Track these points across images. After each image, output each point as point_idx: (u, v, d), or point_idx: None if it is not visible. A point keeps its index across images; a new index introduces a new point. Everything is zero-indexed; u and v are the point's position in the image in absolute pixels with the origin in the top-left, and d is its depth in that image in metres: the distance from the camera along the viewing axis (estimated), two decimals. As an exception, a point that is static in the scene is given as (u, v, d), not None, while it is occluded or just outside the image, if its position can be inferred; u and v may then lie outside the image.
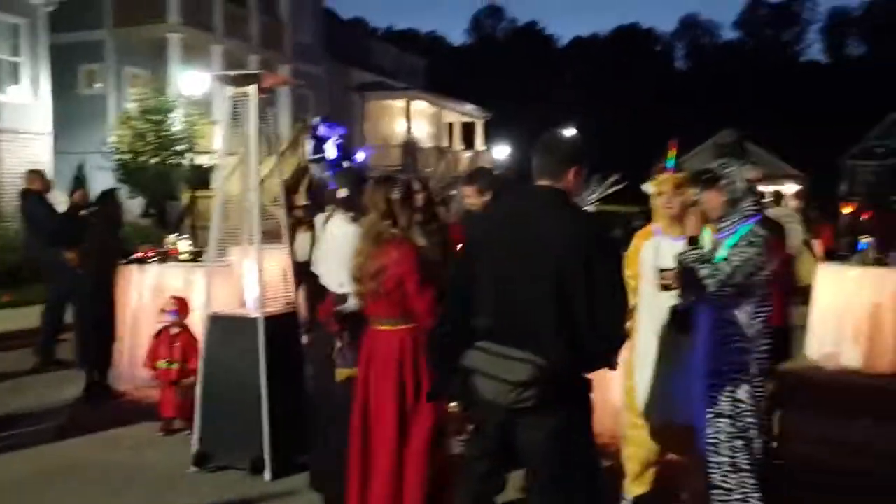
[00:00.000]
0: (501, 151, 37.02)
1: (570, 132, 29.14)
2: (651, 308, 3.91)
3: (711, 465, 3.30)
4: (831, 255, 11.02)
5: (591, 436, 3.00)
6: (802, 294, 9.98)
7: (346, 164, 12.08)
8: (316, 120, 12.39)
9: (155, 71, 20.76)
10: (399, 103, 30.00)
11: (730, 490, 3.26)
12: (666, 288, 3.61)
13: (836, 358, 8.47)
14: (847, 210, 34.47)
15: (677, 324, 3.58)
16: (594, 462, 3.00)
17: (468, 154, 32.77)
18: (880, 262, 8.65)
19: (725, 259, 3.18)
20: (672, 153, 4.04)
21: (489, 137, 37.11)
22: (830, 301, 8.67)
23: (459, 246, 3.52)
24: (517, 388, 2.71)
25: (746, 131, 51.55)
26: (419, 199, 4.35)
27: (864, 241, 8.92)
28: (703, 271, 3.18)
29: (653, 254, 3.85)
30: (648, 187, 4.09)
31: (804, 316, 9.07)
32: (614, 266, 2.87)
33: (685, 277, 3.32)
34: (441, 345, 3.02)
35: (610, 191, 7.00)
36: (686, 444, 3.66)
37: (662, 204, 3.86)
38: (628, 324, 4.07)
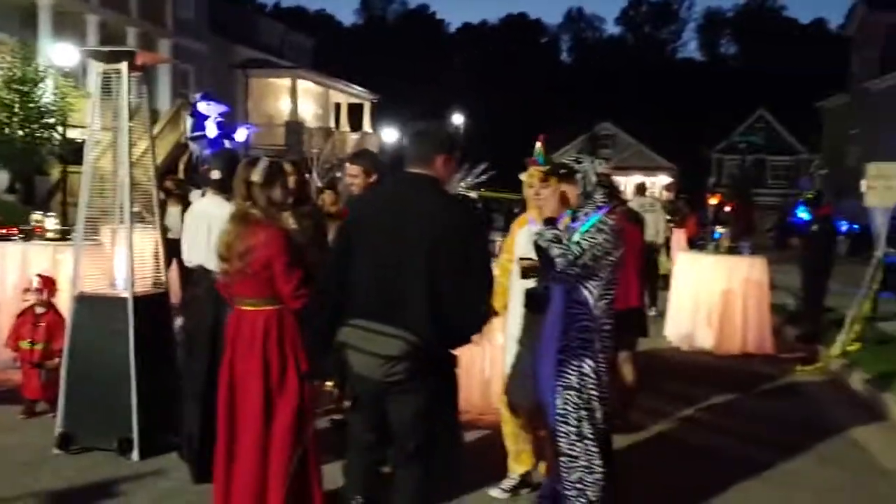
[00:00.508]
0: (390, 134, 37.04)
1: (456, 118, 29.45)
2: (521, 291, 4.16)
3: (560, 434, 3.53)
4: (693, 244, 11.76)
5: (455, 409, 3.22)
6: (665, 280, 10.66)
7: (226, 142, 11.84)
8: (196, 97, 12.05)
9: (24, 39, 19.59)
10: (285, 82, 29.50)
11: (576, 457, 3.51)
12: (524, 275, 3.86)
13: (691, 339, 9.08)
14: (713, 201, 36.51)
15: (531, 305, 3.83)
16: (456, 435, 3.22)
17: (355, 136, 32.61)
18: (733, 250, 9.33)
19: (577, 242, 3.42)
20: (539, 147, 4.29)
21: (377, 120, 37.05)
22: (687, 287, 9.28)
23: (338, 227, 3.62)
24: (389, 362, 2.89)
25: (624, 124, 53.77)
26: (290, 181, 4.42)
27: (719, 230, 9.56)
28: (555, 250, 3.39)
29: (525, 241, 4.09)
30: (525, 178, 4.33)
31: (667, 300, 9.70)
32: (480, 249, 3.09)
33: (539, 257, 3.55)
34: (316, 324, 3.14)
35: (480, 178, 7.27)
36: (542, 418, 3.92)
37: (531, 196, 4.09)
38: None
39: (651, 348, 8.94)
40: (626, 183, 52.58)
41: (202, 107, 11.51)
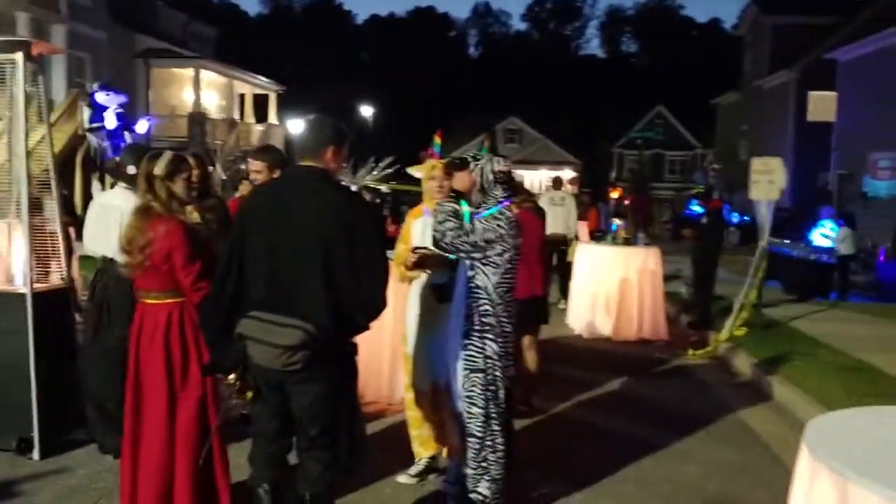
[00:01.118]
0: (296, 126, 36.57)
1: (364, 110, 29.28)
2: (419, 281, 4.30)
3: (469, 416, 3.69)
4: (593, 236, 12.16)
5: (354, 396, 3.33)
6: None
7: (126, 133, 11.52)
8: (94, 86, 11.64)
9: None
10: (187, 72, 28.73)
11: (482, 438, 3.67)
12: (416, 265, 4.00)
13: (591, 327, 9.45)
14: (615, 195, 37.56)
15: (437, 296, 3.99)
16: (356, 421, 3.32)
17: (260, 127, 32.07)
18: (628, 241, 9.75)
19: (472, 224, 3.61)
20: (438, 140, 4.42)
21: (284, 111, 36.55)
22: (587, 277, 9.64)
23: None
24: (287, 352, 2.97)
25: (531, 119, 54.66)
26: (194, 175, 4.42)
27: (615, 223, 9.96)
28: (450, 223, 3.56)
29: (420, 231, 4.23)
30: (415, 171, 4.44)
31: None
32: (374, 239, 3.19)
33: (437, 246, 3.69)
34: (215, 317, 3.18)
35: (384, 172, 7.38)
36: (447, 401, 4.07)
37: (433, 187, 4.21)
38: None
39: (555, 336, 9.31)
40: (533, 178, 53.64)
41: (100, 97, 11.18)
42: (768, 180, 8.95)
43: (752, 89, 32.57)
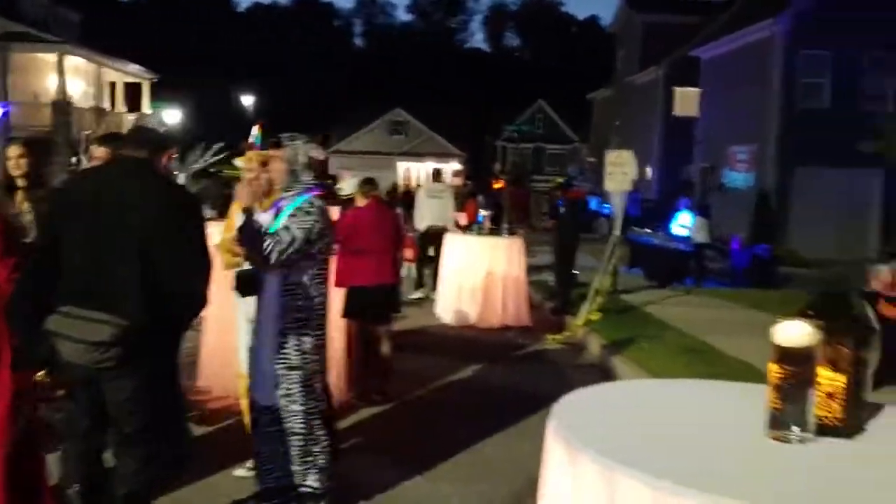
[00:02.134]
0: (172, 115, 35.38)
1: (245, 100, 28.61)
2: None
3: (290, 413, 3.66)
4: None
5: (175, 391, 3.25)
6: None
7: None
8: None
9: None
10: (50, 58, 27.28)
11: (305, 434, 3.67)
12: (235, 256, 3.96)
13: (458, 316, 9.65)
14: (497, 186, 38.22)
15: (241, 287, 3.84)
16: (178, 416, 3.28)
17: (132, 116, 30.83)
18: (494, 232, 10.01)
19: (286, 228, 3.52)
20: (259, 131, 4.41)
21: (160, 100, 35.28)
22: (455, 267, 9.84)
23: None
24: (98, 349, 2.88)
25: (416, 111, 54.86)
26: (22, 164, 4.27)
27: (482, 214, 10.21)
28: (266, 243, 3.47)
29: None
30: (239, 162, 4.43)
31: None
32: (196, 232, 3.12)
33: (249, 250, 3.62)
34: (22, 309, 3.06)
35: (213, 159, 7.29)
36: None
37: (250, 179, 4.18)
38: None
39: (423, 325, 9.48)
40: (420, 169, 53.81)
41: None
42: (622, 172, 9.39)
43: (624, 85, 33.88)
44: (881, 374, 5.67)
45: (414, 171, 52.17)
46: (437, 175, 12.18)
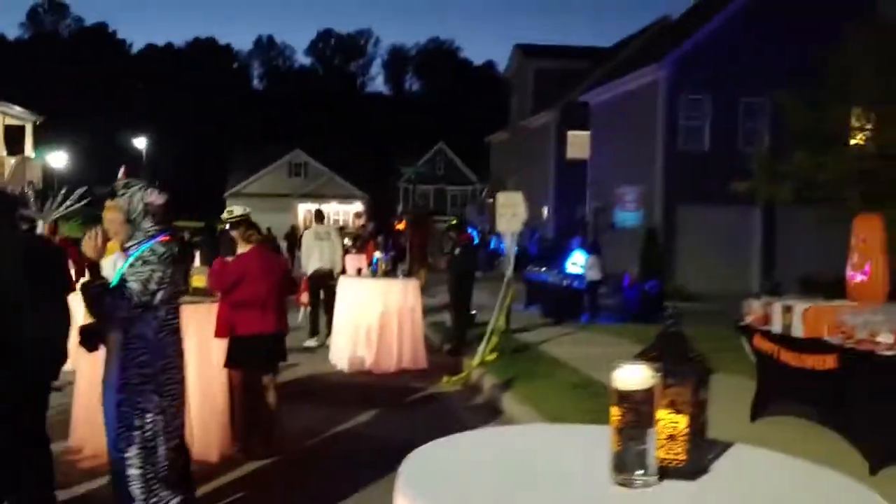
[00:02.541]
0: (58, 158, 34.04)
1: (138, 142, 27.95)
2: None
3: (128, 478, 3.43)
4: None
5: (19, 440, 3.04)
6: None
7: None
8: None
9: None
10: (-79, 99, 25.81)
11: (144, 499, 3.42)
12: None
13: (352, 361, 9.50)
14: (400, 227, 38.30)
15: (83, 342, 3.62)
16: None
17: (13, 160, 29.43)
18: (389, 274, 9.97)
19: (124, 282, 3.34)
20: (124, 175, 4.25)
21: (46, 142, 33.87)
22: (348, 311, 9.71)
23: None
24: None
25: (316, 153, 54.66)
26: None
27: (376, 256, 10.16)
28: (107, 299, 3.30)
29: (111, 268, 4.03)
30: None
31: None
32: (55, 282, 2.99)
33: (89, 307, 3.40)
34: None
35: (76, 205, 7.02)
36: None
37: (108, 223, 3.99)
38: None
39: (317, 372, 9.28)
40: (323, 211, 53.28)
41: None
42: (512, 213, 9.56)
43: (519, 128, 34.73)
44: (760, 405, 5.88)
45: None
46: (319, 216, 11.91)
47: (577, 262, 15.57)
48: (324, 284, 10.74)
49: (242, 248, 5.86)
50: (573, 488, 1.70)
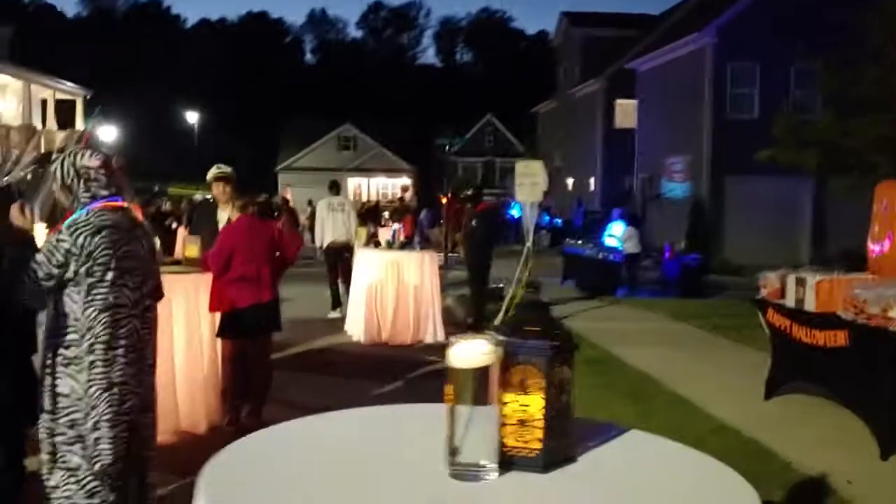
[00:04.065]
0: (108, 132, 34.66)
1: (190, 116, 28.52)
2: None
3: (42, 463, 3.19)
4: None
5: None
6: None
7: None
8: None
9: None
10: (-27, 75, 26.46)
11: (55, 487, 3.14)
12: None
13: (369, 333, 9.37)
14: (444, 201, 38.05)
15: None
16: None
17: (62, 134, 30.06)
18: (404, 246, 9.78)
19: (36, 253, 3.11)
20: (84, 144, 4.13)
21: (96, 117, 34.50)
22: (365, 282, 9.57)
23: None
24: None
25: (366, 126, 54.67)
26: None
27: (394, 227, 9.96)
28: (33, 270, 3.05)
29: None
30: None
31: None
32: None
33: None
34: None
35: (23, 172, 6.92)
36: None
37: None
38: None
39: (332, 343, 9.20)
40: (370, 185, 53.42)
41: None
42: (531, 182, 9.25)
43: (566, 98, 34.04)
44: (775, 382, 5.53)
45: (364, 188, 51.84)
46: (334, 187, 11.61)
47: (616, 234, 15.17)
48: (339, 257, 10.60)
49: (225, 212, 5.73)
50: (404, 479, 1.48)
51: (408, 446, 1.65)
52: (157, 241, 5.03)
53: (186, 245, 6.03)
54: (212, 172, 6.17)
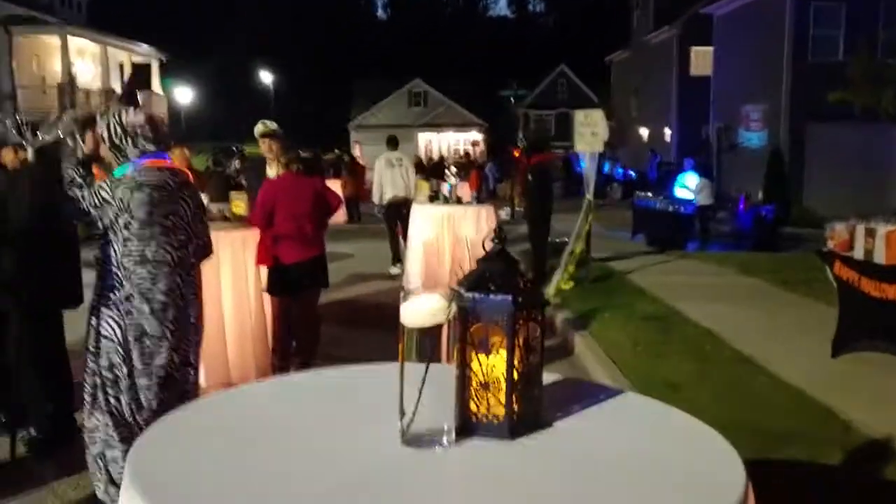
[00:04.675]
0: (183, 94, 35.44)
1: (264, 76, 28.79)
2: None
3: (84, 399, 3.29)
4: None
5: None
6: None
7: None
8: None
9: None
10: (55, 40, 27.25)
11: (92, 430, 3.24)
12: None
13: (427, 287, 9.31)
14: (516, 154, 37.69)
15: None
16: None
17: (141, 97, 30.81)
18: (459, 201, 9.62)
19: (86, 187, 3.22)
20: (128, 87, 4.08)
21: (174, 80, 35.32)
22: (421, 237, 9.48)
23: None
24: None
25: (436, 81, 54.22)
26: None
27: (451, 181, 9.79)
28: (74, 192, 3.21)
29: None
30: None
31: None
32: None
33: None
34: None
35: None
36: None
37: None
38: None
39: (387, 300, 9.17)
40: (440, 140, 53.11)
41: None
42: (591, 132, 8.93)
43: (639, 46, 32.93)
44: (842, 339, 5.21)
45: (435, 143, 51.63)
46: (392, 142, 11.40)
47: (688, 185, 14.63)
48: (398, 213, 10.52)
49: (273, 169, 5.69)
50: (355, 448, 1.37)
51: (370, 410, 1.53)
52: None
53: (233, 201, 6.03)
54: (258, 129, 6.13)
